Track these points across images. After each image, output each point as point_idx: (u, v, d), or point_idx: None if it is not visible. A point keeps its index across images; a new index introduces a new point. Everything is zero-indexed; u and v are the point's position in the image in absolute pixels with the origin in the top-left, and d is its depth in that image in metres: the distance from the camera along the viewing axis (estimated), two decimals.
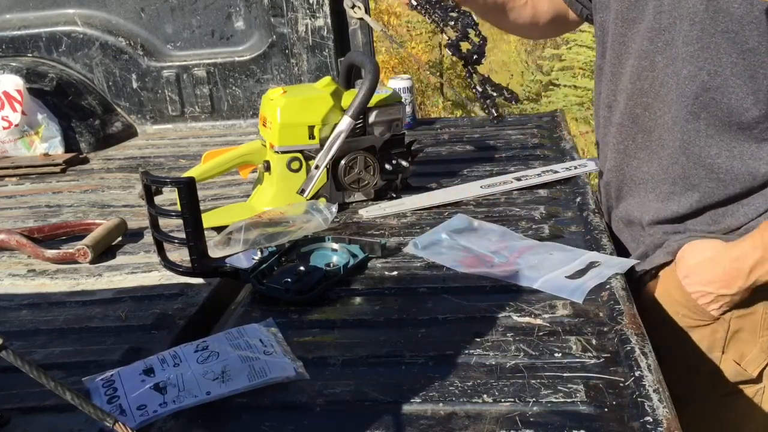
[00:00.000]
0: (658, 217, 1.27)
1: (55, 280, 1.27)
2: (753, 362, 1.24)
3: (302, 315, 1.06)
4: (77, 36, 2.33)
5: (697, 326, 1.24)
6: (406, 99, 1.91)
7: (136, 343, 1.02)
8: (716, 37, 1.11)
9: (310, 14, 2.21)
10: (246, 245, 1.18)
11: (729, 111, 1.15)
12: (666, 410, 0.75)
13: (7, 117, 2.05)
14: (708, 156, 1.18)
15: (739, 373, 1.24)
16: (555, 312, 1.00)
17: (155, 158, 2.05)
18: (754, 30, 1.08)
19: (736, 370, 1.24)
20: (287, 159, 1.41)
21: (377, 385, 0.86)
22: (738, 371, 1.24)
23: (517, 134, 1.95)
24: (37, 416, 0.87)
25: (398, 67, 7.11)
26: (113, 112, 2.37)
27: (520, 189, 1.48)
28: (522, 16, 1.53)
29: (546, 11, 1.53)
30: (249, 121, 2.34)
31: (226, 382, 0.86)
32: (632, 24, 1.24)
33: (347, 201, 1.48)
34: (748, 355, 1.24)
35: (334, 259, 1.21)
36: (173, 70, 2.33)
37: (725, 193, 1.19)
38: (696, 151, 1.19)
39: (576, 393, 0.81)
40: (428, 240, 1.24)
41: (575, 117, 6.18)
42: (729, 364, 1.24)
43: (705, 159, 1.18)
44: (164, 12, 2.32)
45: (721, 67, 1.12)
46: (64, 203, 1.70)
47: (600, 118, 1.39)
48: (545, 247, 1.20)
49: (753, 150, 1.17)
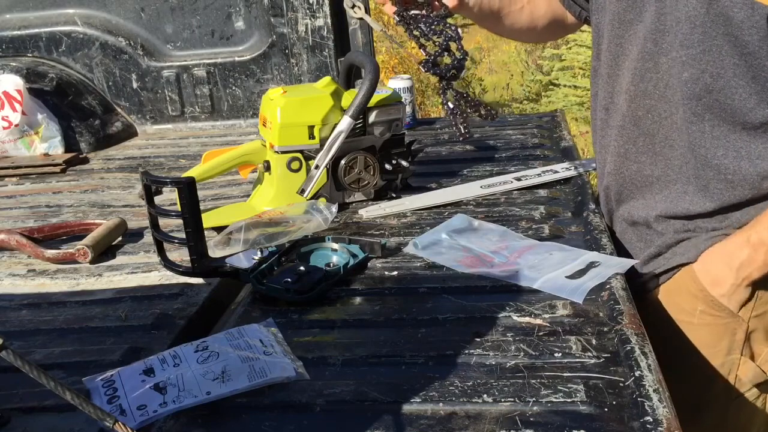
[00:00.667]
0: (667, 215, 1.26)
1: (55, 280, 1.27)
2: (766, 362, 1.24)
3: (302, 315, 1.06)
4: (77, 36, 2.33)
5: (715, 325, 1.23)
6: (406, 99, 1.91)
7: (136, 343, 1.02)
8: (717, 40, 1.11)
9: (310, 14, 2.22)
10: (246, 245, 1.18)
11: (733, 112, 1.14)
12: (666, 410, 0.75)
13: (7, 117, 2.05)
14: (714, 157, 1.18)
15: (757, 374, 1.24)
16: (555, 312, 1.00)
17: (155, 158, 2.05)
18: (755, 34, 1.08)
19: (755, 372, 1.24)
20: (287, 159, 1.41)
21: (377, 385, 0.86)
22: (757, 373, 1.24)
23: (517, 134, 1.96)
24: (37, 416, 0.87)
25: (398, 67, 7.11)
26: (113, 112, 2.37)
27: (520, 189, 1.49)
28: (519, 21, 1.52)
29: (543, 15, 1.53)
30: (249, 121, 2.34)
31: (226, 382, 0.86)
32: (629, 26, 1.23)
33: (347, 201, 1.48)
34: (761, 354, 1.24)
35: (334, 259, 1.21)
36: (173, 70, 2.33)
37: (735, 195, 1.19)
38: (702, 152, 1.18)
39: (576, 393, 0.81)
40: (428, 240, 1.24)
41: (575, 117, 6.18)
42: (748, 366, 1.24)
43: (712, 160, 1.18)
44: (164, 12, 2.32)
45: (723, 69, 1.12)
46: (64, 203, 1.70)
47: (597, 121, 1.38)
48: (545, 247, 1.20)
49: (760, 150, 1.16)
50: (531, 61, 7.84)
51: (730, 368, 1.24)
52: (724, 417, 1.27)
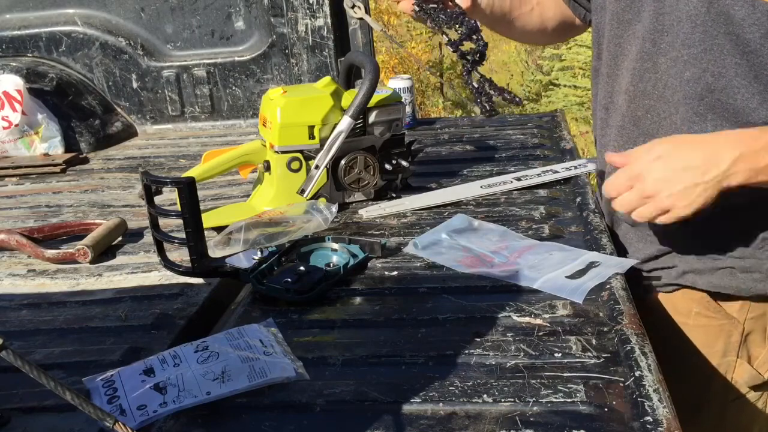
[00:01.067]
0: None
1: (55, 280, 1.27)
2: (763, 365, 1.24)
3: (302, 315, 1.06)
4: (77, 36, 2.33)
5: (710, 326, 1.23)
6: (406, 99, 1.91)
7: (136, 343, 1.02)
8: (719, 39, 1.11)
9: (310, 14, 2.22)
10: (246, 245, 1.18)
11: (735, 112, 1.14)
12: (666, 410, 0.75)
13: (7, 117, 2.05)
14: None
15: (753, 377, 1.24)
16: (555, 312, 1.00)
17: (155, 158, 2.05)
18: (756, 32, 1.08)
19: (751, 375, 1.24)
20: (287, 159, 1.41)
21: (377, 385, 0.86)
22: (753, 375, 1.24)
23: (517, 134, 1.96)
24: (37, 416, 0.87)
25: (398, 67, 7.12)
26: (113, 112, 2.37)
27: (520, 189, 1.49)
28: (529, 23, 1.52)
29: (552, 17, 1.53)
30: (249, 121, 2.34)
31: (226, 382, 0.86)
32: (628, 25, 1.23)
33: (347, 201, 1.48)
34: (758, 357, 1.24)
35: (334, 259, 1.21)
36: (173, 70, 2.33)
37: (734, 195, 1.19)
38: None
39: (576, 393, 0.81)
40: (428, 240, 1.24)
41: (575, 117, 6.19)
42: (744, 368, 1.24)
43: None
44: (164, 12, 2.32)
45: (725, 69, 1.12)
46: (64, 203, 1.70)
47: (597, 120, 1.39)
48: (545, 247, 1.20)
49: None
50: (531, 61, 7.84)
51: (726, 370, 1.24)
52: (723, 417, 1.27)
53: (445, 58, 7.37)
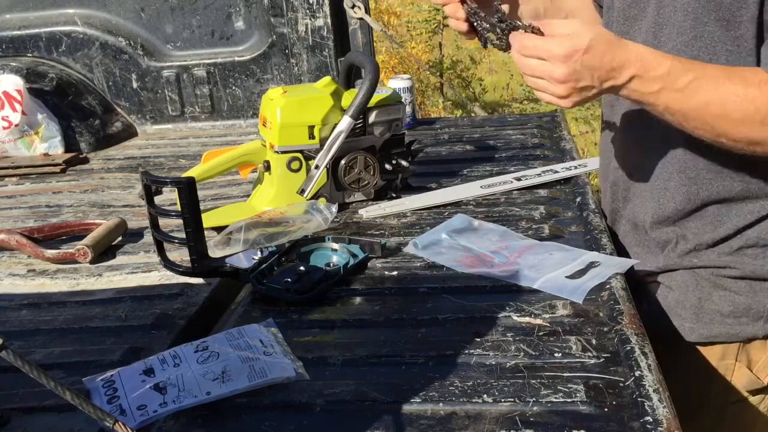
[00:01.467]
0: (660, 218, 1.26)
1: (55, 280, 1.27)
2: (763, 370, 1.24)
3: (302, 315, 1.06)
4: (77, 36, 2.33)
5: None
6: (406, 99, 1.91)
7: (136, 343, 1.02)
8: (709, 26, 1.11)
9: (310, 14, 2.22)
10: (246, 245, 1.18)
11: None
12: (666, 410, 0.75)
13: (7, 117, 2.05)
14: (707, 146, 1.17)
15: (752, 381, 1.24)
16: (555, 312, 1.00)
17: (155, 158, 2.05)
18: (744, 15, 1.08)
19: (749, 379, 1.24)
20: (287, 159, 1.41)
21: (377, 385, 0.86)
22: (752, 380, 1.24)
23: (517, 134, 1.96)
24: (37, 416, 0.87)
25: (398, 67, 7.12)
26: (113, 112, 2.37)
27: (520, 189, 1.49)
28: None
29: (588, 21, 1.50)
30: (249, 121, 2.35)
31: (226, 382, 0.86)
32: (634, 21, 1.24)
33: (347, 201, 1.48)
34: (758, 361, 1.24)
35: (334, 259, 1.21)
36: (173, 70, 2.33)
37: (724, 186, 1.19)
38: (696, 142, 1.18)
39: (576, 393, 0.81)
40: (428, 240, 1.24)
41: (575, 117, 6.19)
42: (742, 372, 1.24)
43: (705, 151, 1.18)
44: (164, 12, 2.32)
45: (716, 56, 1.12)
46: (64, 203, 1.70)
47: (603, 117, 1.39)
48: (545, 247, 1.20)
49: None
50: None
51: (724, 373, 1.24)
52: (724, 418, 1.27)
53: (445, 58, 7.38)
